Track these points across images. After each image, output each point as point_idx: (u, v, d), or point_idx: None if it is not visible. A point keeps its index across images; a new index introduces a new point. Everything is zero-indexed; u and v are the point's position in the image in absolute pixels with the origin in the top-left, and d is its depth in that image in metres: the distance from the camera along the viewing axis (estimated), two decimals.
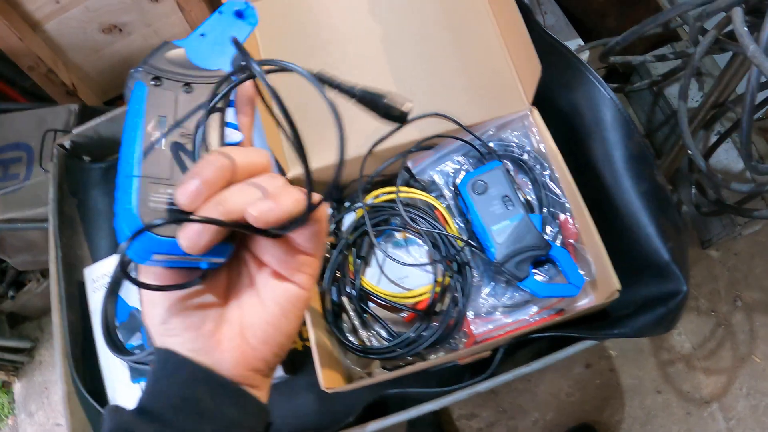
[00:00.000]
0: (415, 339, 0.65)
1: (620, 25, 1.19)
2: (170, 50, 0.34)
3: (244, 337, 0.32)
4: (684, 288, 0.63)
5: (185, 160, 0.31)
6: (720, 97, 0.92)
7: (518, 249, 0.64)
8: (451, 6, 0.72)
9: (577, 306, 0.68)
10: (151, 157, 0.31)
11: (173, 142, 0.31)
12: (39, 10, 1.36)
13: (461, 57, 0.71)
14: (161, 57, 0.34)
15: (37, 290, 1.43)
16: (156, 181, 0.30)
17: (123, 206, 0.29)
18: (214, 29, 0.36)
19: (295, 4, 0.73)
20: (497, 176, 0.66)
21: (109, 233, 0.88)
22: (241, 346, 0.32)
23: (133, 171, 0.30)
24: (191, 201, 0.28)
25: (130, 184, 0.30)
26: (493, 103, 0.70)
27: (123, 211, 0.29)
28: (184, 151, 0.32)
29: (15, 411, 1.50)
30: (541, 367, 0.62)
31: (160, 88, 0.33)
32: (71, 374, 0.74)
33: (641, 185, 0.68)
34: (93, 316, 0.78)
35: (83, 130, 0.89)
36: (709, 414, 1.21)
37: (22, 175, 1.19)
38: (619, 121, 0.70)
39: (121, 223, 0.29)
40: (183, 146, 0.32)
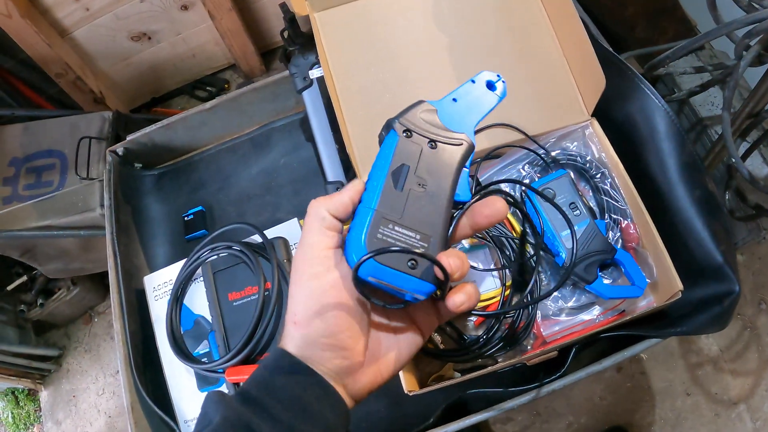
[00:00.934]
0: (486, 341, 0.67)
1: (649, 36, 1.23)
2: (425, 109, 0.39)
3: (379, 367, 0.38)
4: (737, 288, 0.65)
5: (417, 204, 0.36)
6: (756, 108, 0.95)
7: (586, 253, 0.66)
8: (513, 19, 0.75)
9: (638, 307, 0.70)
10: (388, 197, 0.36)
11: (410, 189, 0.36)
12: (68, 17, 1.37)
13: (524, 68, 0.73)
14: (416, 113, 0.38)
15: (67, 298, 1.42)
16: (387, 217, 0.35)
17: (356, 232, 0.35)
18: (466, 96, 0.40)
19: (363, 14, 0.75)
20: (564, 184, 0.69)
21: (164, 241, 0.89)
22: (374, 372, 0.38)
23: (372, 204, 0.36)
24: (455, 274, 0.35)
25: (367, 215, 0.35)
26: (554, 114, 0.73)
27: (354, 236, 0.35)
28: (416, 199, 0.36)
29: (41, 419, 1.49)
30: (612, 364, 0.64)
31: (410, 140, 0.38)
32: (135, 383, 0.74)
33: (694, 192, 0.71)
34: (155, 325, 0.78)
35: (136, 137, 0.89)
36: (737, 415, 1.24)
37: (56, 182, 1.19)
38: (673, 132, 0.72)
39: (350, 245, 0.35)
40: (417, 195, 0.36)
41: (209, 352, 0.74)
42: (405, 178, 0.36)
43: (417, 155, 0.37)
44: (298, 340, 0.36)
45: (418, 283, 0.35)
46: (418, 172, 0.37)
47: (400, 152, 0.37)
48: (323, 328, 0.35)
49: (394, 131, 0.38)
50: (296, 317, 0.35)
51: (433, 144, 0.38)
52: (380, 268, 0.34)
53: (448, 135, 0.38)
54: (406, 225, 0.36)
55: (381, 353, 0.38)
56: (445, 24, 0.75)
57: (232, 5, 1.42)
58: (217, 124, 0.90)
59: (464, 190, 0.39)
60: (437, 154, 0.38)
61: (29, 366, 1.46)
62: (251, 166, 0.90)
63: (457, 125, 0.39)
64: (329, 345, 0.35)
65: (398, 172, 0.36)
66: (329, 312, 0.35)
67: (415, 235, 0.35)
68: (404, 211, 0.36)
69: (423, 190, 0.37)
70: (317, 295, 0.35)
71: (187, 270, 0.76)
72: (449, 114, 0.39)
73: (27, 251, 1.26)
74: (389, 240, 0.35)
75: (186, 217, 0.87)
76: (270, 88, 0.87)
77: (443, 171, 0.38)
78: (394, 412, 0.70)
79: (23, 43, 1.33)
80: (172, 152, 0.93)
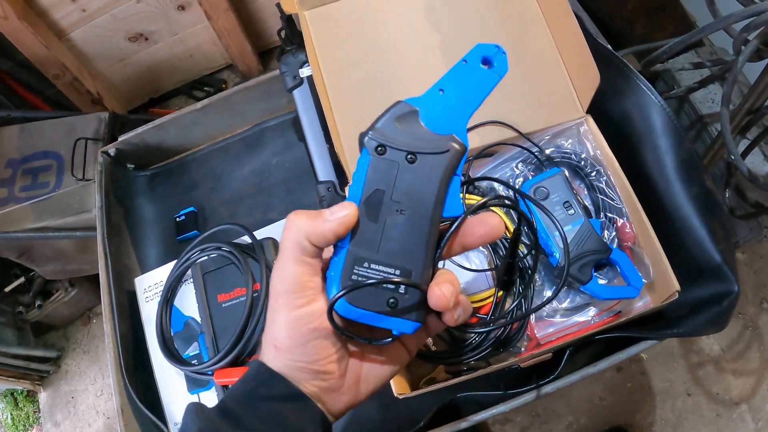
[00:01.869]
0: (479, 343, 0.66)
1: (648, 33, 1.21)
2: (402, 112, 0.33)
3: (358, 387, 0.37)
4: (736, 288, 0.64)
5: (395, 235, 0.32)
6: (755, 104, 0.94)
7: (581, 253, 0.65)
8: (506, 15, 0.74)
9: (634, 308, 0.69)
10: (362, 231, 0.32)
11: (386, 219, 0.32)
12: (65, 18, 1.37)
13: (518, 65, 0.72)
14: (391, 121, 0.32)
15: (65, 299, 1.42)
16: (362, 255, 0.32)
17: (333, 274, 0.33)
18: (456, 82, 0.33)
19: (354, 12, 0.74)
20: (558, 182, 0.67)
21: (156, 242, 0.88)
22: (354, 392, 0.36)
23: (344, 243, 0.32)
24: (440, 307, 0.32)
25: (341, 254, 0.32)
26: (548, 111, 0.71)
27: (331, 279, 0.33)
28: (394, 229, 0.32)
29: (40, 420, 1.49)
30: (607, 366, 0.63)
31: (383, 157, 0.32)
32: (125, 385, 0.74)
33: (692, 190, 0.69)
34: (146, 327, 0.78)
35: (128, 137, 0.89)
36: (739, 415, 1.23)
37: (52, 183, 1.19)
38: (670, 128, 0.71)
39: (328, 285, 0.33)
40: (395, 223, 0.32)
41: (199, 354, 0.73)
42: (380, 206, 0.32)
43: (393, 175, 0.32)
44: (278, 361, 0.35)
45: (401, 323, 0.32)
46: (394, 197, 0.32)
47: (373, 175, 0.32)
48: (305, 356, 0.34)
49: (366, 150, 0.32)
50: (277, 342, 0.34)
51: (412, 157, 0.32)
52: (357, 312, 0.32)
53: (431, 141, 0.32)
54: (382, 261, 0.32)
55: (362, 374, 0.37)
56: (438, 20, 0.74)
57: (228, 5, 1.42)
58: (210, 124, 0.90)
59: (454, 204, 0.33)
60: (416, 169, 0.32)
61: (28, 367, 1.46)
62: (243, 166, 0.89)
63: (445, 123, 0.32)
64: (310, 370, 0.34)
65: (372, 200, 0.32)
66: (311, 342, 0.33)
67: (393, 272, 0.31)
68: (380, 246, 0.32)
69: (402, 217, 0.32)
70: (299, 326, 0.33)
71: (178, 271, 0.75)
72: (435, 110, 0.33)
73: (24, 252, 1.26)
74: (364, 280, 0.32)
75: (178, 217, 0.86)
76: (262, 86, 0.86)
77: (424, 189, 0.32)
78: (386, 414, 0.69)
79: (20, 44, 1.33)
80: (165, 153, 0.93)
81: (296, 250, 0.33)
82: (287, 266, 0.33)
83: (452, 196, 0.33)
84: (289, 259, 0.33)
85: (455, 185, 0.33)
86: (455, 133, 0.32)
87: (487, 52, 0.33)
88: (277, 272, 0.34)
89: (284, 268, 0.33)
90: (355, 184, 0.33)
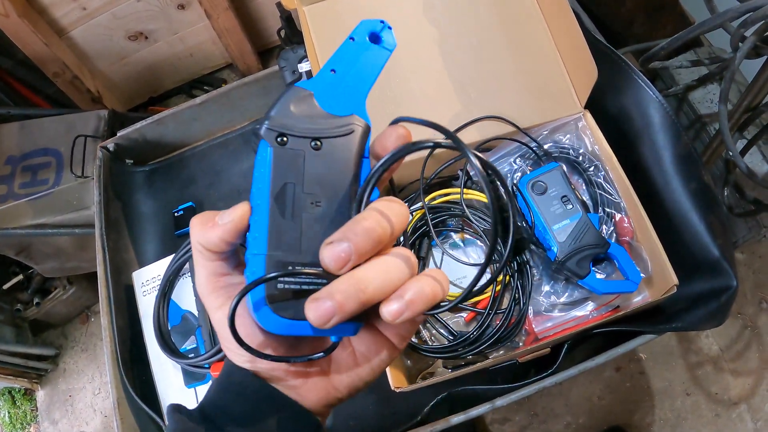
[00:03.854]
0: (477, 338, 0.66)
1: (647, 32, 1.21)
2: (297, 97, 0.30)
3: (332, 382, 0.33)
4: (734, 283, 0.64)
5: (317, 230, 0.29)
6: (753, 101, 0.94)
7: (579, 247, 0.65)
8: (505, 11, 0.74)
9: (632, 302, 0.69)
10: (278, 232, 0.28)
11: (302, 214, 0.29)
12: (65, 16, 1.37)
13: (515, 60, 0.72)
14: (286, 108, 0.29)
15: (63, 297, 1.42)
16: (284, 260, 0.28)
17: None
18: (346, 61, 0.31)
19: (353, 7, 0.74)
20: (556, 177, 0.67)
21: (154, 237, 0.88)
22: (326, 387, 0.33)
23: (260, 249, 0.28)
24: (337, 266, 0.26)
25: (258, 263, 0.28)
26: (547, 107, 0.72)
27: (252, 291, 0.28)
28: (314, 224, 0.29)
29: (38, 419, 1.48)
30: (606, 361, 0.63)
31: (286, 147, 0.29)
32: (121, 379, 0.74)
33: (690, 185, 0.70)
34: (143, 320, 0.78)
35: (127, 132, 0.89)
36: (738, 415, 1.22)
37: (51, 180, 1.19)
38: (668, 123, 0.71)
39: (249, 300, 0.28)
40: (313, 217, 0.29)
41: (196, 347, 0.73)
42: (292, 201, 0.28)
43: (300, 166, 0.29)
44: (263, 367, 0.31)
45: (335, 328, 0.27)
46: (306, 188, 0.29)
47: (277, 168, 0.28)
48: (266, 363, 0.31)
49: (265, 142, 0.29)
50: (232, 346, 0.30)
51: (317, 143, 0.29)
52: (285, 323, 0.28)
53: (333, 124, 0.29)
54: (308, 261, 0.28)
55: (340, 376, 0.33)
56: (436, 16, 0.74)
57: (228, 4, 1.42)
58: (208, 120, 0.90)
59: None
60: (324, 155, 0.29)
61: (26, 365, 1.45)
62: (242, 161, 0.89)
63: (343, 104, 0.30)
64: (274, 370, 0.31)
65: (282, 196, 0.28)
66: (256, 344, 0.30)
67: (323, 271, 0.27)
68: (302, 245, 0.28)
69: (319, 209, 0.29)
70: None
71: (175, 265, 0.75)
72: (331, 92, 0.30)
73: (23, 250, 1.25)
74: (294, 289, 0.28)
75: (176, 212, 0.86)
76: (261, 82, 0.86)
77: (337, 175, 0.29)
78: (384, 408, 0.69)
79: (20, 42, 1.33)
80: (164, 148, 0.93)
81: (197, 255, 0.31)
82: (197, 270, 0.32)
83: (365, 178, 0.30)
84: (197, 263, 0.31)
85: (366, 167, 0.30)
86: (355, 112, 0.30)
87: (373, 28, 0.32)
88: (195, 275, 0.33)
89: (196, 272, 0.32)
90: (258, 181, 0.29)
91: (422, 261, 0.70)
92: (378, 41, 0.32)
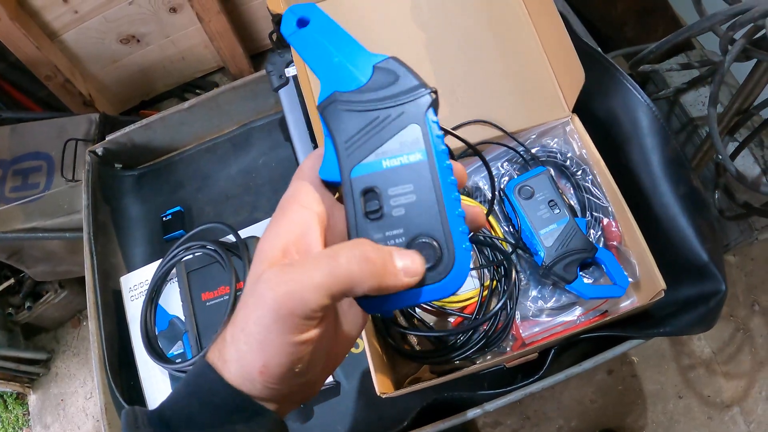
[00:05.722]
0: (463, 343, 0.65)
1: (638, 35, 1.21)
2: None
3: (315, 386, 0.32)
4: (723, 287, 0.64)
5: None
6: (744, 104, 0.94)
7: (566, 252, 0.65)
8: (492, 14, 0.74)
9: (620, 307, 0.69)
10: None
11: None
12: (57, 19, 1.37)
13: (503, 64, 0.72)
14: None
15: (55, 301, 1.42)
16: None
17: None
18: (319, 48, 0.31)
19: (340, 11, 0.74)
20: (543, 181, 0.67)
21: (142, 241, 0.88)
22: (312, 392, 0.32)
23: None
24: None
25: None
26: (534, 111, 0.72)
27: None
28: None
29: (30, 423, 1.48)
30: (592, 367, 0.63)
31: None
32: (109, 384, 0.73)
33: (679, 189, 0.69)
34: (131, 325, 0.77)
35: (116, 137, 0.89)
36: (730, 418, 1.22)
37: (42, 184, 1.19)
38: (656, 127, 0.71)
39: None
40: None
41: (183, 352, 0.73)
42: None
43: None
44: (253, 384, 0.28)
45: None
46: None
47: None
48: (299, 384, 0.29)
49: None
50: (263, 367, 0.27)
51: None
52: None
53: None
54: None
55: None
56: (423, 19, 0.74)
57: (220, 8, 1.42)
58: (197, 124, 0.90)
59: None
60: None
61: (17, 369, 1.45)
62: (230, 166, 0.89)
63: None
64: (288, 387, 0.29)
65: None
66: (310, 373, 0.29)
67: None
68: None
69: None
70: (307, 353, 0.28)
71: (163, 270, 0.75)
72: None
73: (14, 253, 1.25)
74: None
75: (164, 217, 0.86)
76: (249, 86, 0.86)
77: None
78: (370, 413, 0.68)
79: (12, 45, 1.32)
80: (152, 153, 0.92)
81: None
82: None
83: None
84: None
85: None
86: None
87: (294, 18, 0.32)
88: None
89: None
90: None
91: None
92: (305, 23, 0.32)
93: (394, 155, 0.29)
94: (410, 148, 0.29)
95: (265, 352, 0.27)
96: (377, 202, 0.29)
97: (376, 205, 0.29)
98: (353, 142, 0.30)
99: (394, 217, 0.29)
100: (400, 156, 0.29)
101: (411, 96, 0.30)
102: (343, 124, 0.30)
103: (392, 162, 0.29)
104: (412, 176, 0.29)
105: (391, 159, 0.29)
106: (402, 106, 0.30)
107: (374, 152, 0.29)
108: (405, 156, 0.29)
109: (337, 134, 0.30)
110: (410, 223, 0.29)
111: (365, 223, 0.29)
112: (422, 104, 0.30)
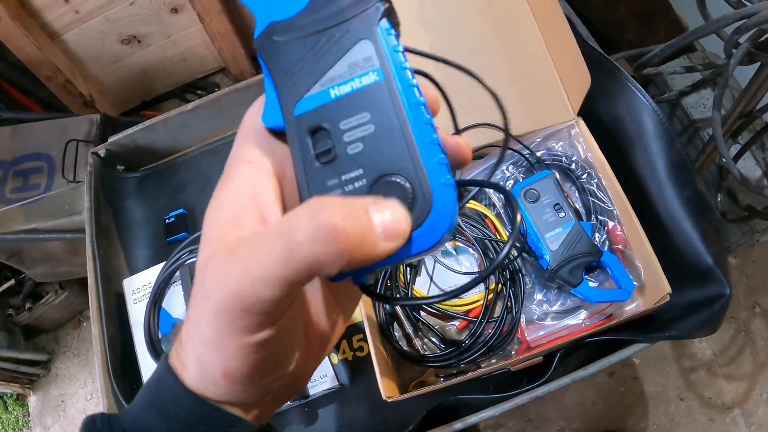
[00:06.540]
0: (469, 346, 0.65)
1: (640, 38, 1.21)
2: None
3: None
4: (727, 291, 0.64)
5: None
6: (747, 107, 0.94)
7: (571, 256, 0.65)
8: (498, 17, 0.74)
9: (625, 311, 0.69)
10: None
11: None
12: (58, 20, 1.36)
13: (509, 68, 0.72)
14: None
15: (55, 302, 1.41)
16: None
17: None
18: None
19: None
20: (548, 185, 0.67)
21: (145, 243, 0.87)
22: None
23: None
24: None
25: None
26: (539, 114, 0.71)
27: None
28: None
29: (30, 424, 1.47)
30: (598, 370, 0.63)
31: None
32: (112, 388, 0.73)
33: (684, 192, 0.69)
34: (134, 328, 0.77)
35: (119, 138, 0.88)
36: (732, 420, 1.22)
37: (43, 185, 1.18)
38: (661, 131, 0.71)
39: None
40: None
41: None
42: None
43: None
44: (219, 389, 0.24)
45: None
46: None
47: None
48: (276, 381, 0.25)
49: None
50: (225, 371, 0.23)
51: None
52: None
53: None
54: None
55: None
56: (429, 21, 0.74)
57: (221, 8, 1.42)
58: (199, 126, 0.89)
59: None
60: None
61: (18, 371, 1.44)
62: None
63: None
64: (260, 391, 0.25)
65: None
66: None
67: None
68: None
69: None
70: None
71: (166, 273, 0.74)
72: None
73: (14, 254, 1.24)
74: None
75: (167, 219, 0.86)
76: (252, 88, 0.86)
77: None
78: (375, 417, 0.68)
79: (13, 45, 1.32)
80: (155, 154, 0.92)
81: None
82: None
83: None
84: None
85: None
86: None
87: None
88: None
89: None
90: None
91: (414, 269, 0.69)
92: None
93: (343, 81, 0.24)
94: (362, 68, 0.24)
95: (222, 355, 0.23)
96: (329, 141, 0.24)
97: (328, 145, 0.24)
98: (293, 74, 0.25)
99: (349, 156, 0.24)
100: (351, 80, 0.24)
101: (358, 8, 0.25)
102: (282, 57, 0.25)
103: (342, 89, 0.24)
104: (368, 102, 0.24)
105: (339, 86, 0.24)
106: (347, 23, 0.24)
107: (319, 81, 0.24)
108: (356, 80, 0.24)
109: (275, 70, 0.25)
110: (370, 160, 0.24)
111: (316, 169, 0.24)
112: (372, 15, 0.24)
